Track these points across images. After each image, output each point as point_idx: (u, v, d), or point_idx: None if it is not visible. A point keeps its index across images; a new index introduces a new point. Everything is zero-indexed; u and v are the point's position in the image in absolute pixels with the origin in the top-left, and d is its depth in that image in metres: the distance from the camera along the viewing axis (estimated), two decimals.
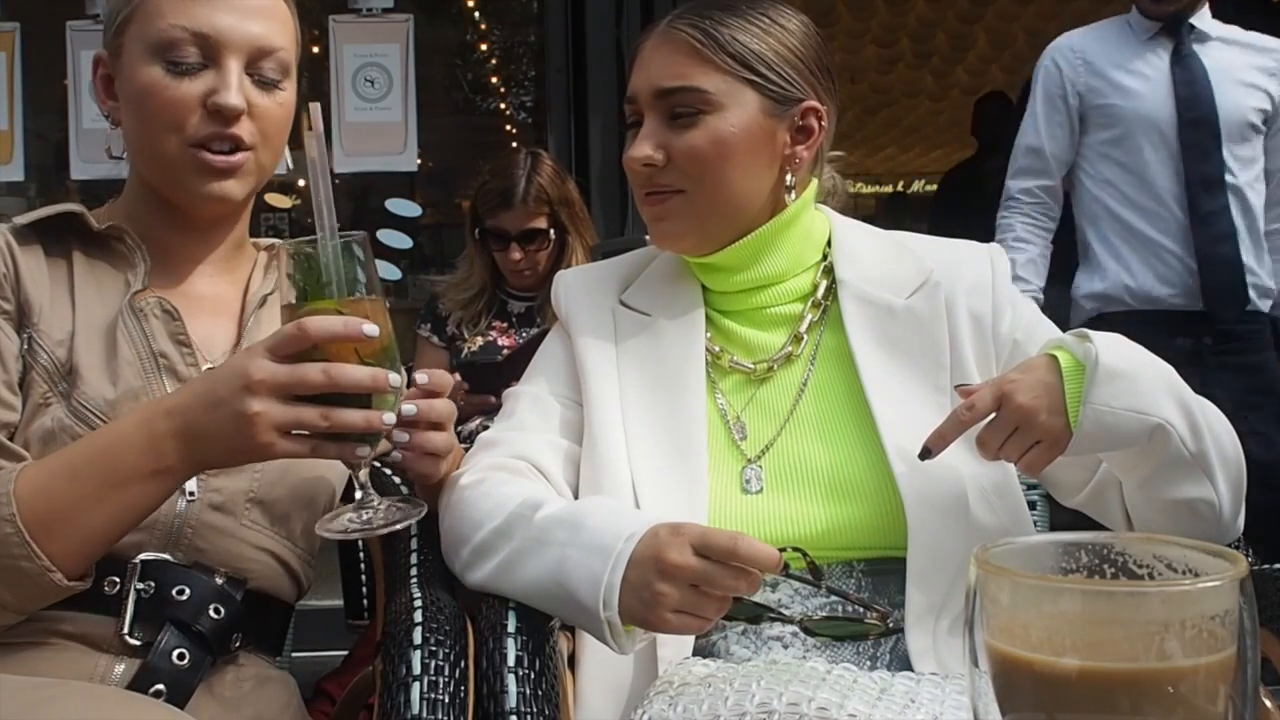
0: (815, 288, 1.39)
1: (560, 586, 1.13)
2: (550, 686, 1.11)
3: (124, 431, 1.11)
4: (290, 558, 1.31)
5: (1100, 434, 1.18)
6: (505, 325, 2.83)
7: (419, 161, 3.70)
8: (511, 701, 1.07)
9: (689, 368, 1.35)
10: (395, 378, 1.09)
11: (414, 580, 1.28)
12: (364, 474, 1.12)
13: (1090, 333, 1.22)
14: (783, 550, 1.07)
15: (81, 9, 3.47)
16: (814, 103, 1.34)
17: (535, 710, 1.08)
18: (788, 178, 1.35)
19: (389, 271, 3.76)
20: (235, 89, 1.23)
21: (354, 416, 1.07)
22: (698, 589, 1.07)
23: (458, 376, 2.54)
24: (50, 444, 1.19)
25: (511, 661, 1.10)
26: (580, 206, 2.82)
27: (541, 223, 2.73)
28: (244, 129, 1.25)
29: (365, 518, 1.12)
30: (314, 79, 3.52)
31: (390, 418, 1.09)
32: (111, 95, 1.31)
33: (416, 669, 1.06)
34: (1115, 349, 1.20)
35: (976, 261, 1.40)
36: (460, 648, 1.10)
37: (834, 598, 1.21)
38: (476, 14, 4.65)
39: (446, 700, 1.04)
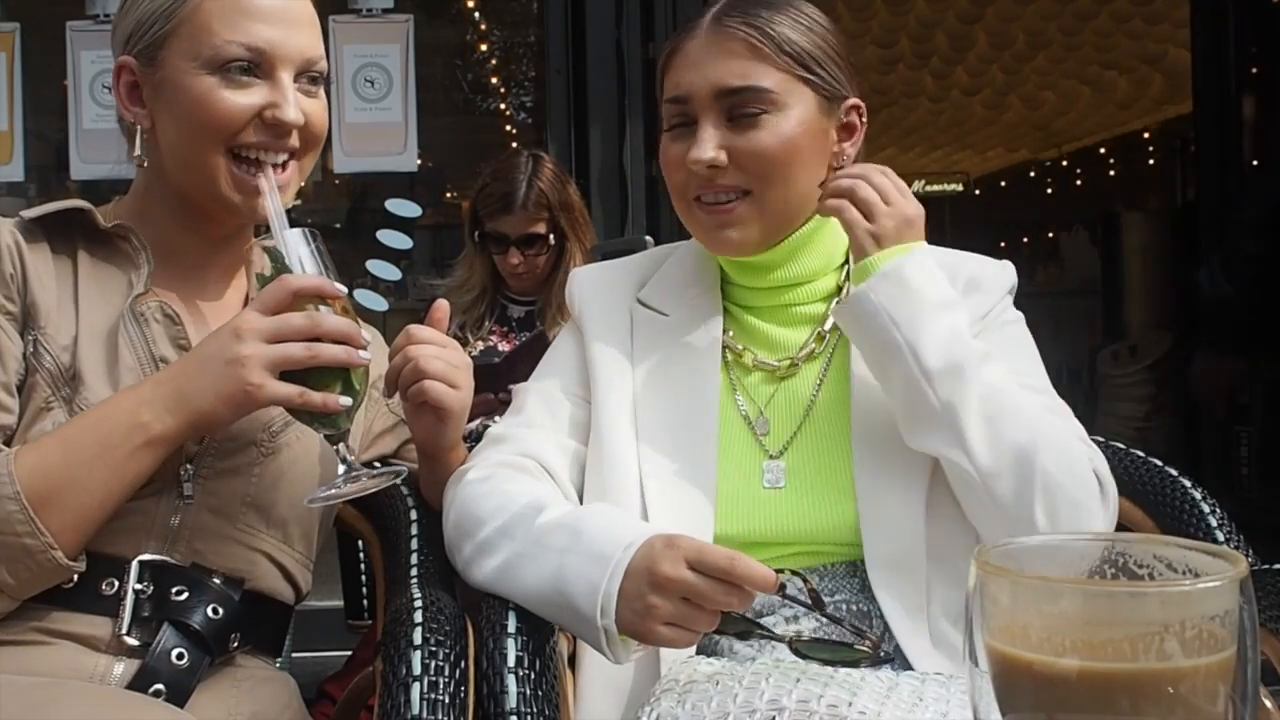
0: (840, 288, 1.39)
1: (559, 593, 1.14)
2: (550, 687, 1.11)
3: (115, 402, 1.17)
4: (287, 561, 1.32)
5: (860, 304, 1.25)
6: (505, 330, 2.82)
7: (419, 162, 3.69)
8: (511, 702, 1.07)
9: (705, 367, 1.35)
10: (365, 333, 1.19)
11: (414, 581, 1.28)
12: (342, 447, 1.20)
13: (935, 253, 1.30)
14: (780, 571, 1.07)
15: (81, 9, 3.45)
16: (856, 99, 1.36)
17: (535, 710, 1.08)
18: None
19: (389, 272, 3.75)
20: (293, 103, 1.26)
21: (335, 349, 1.14)
22: (690, 603, 1.07)
23: None
24: None
25: (511, 662, 1.10)
26: (580, 210, 2.81)
27: (541, 228, 2.72)
28: (294, 138, 1.28)
29: (348, 483, 1.19)
30: None
31: (366, 354, 1.17)
32: (136, 102, 1.30)
33: (417, 669, 1.06)
34: (934, 280, 1.25)
35: (980, 266, 1.40)
36: (460, 648, 1.10)
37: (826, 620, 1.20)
38: (476, 14, 4.64)
39: (446, 700, 1.04)
